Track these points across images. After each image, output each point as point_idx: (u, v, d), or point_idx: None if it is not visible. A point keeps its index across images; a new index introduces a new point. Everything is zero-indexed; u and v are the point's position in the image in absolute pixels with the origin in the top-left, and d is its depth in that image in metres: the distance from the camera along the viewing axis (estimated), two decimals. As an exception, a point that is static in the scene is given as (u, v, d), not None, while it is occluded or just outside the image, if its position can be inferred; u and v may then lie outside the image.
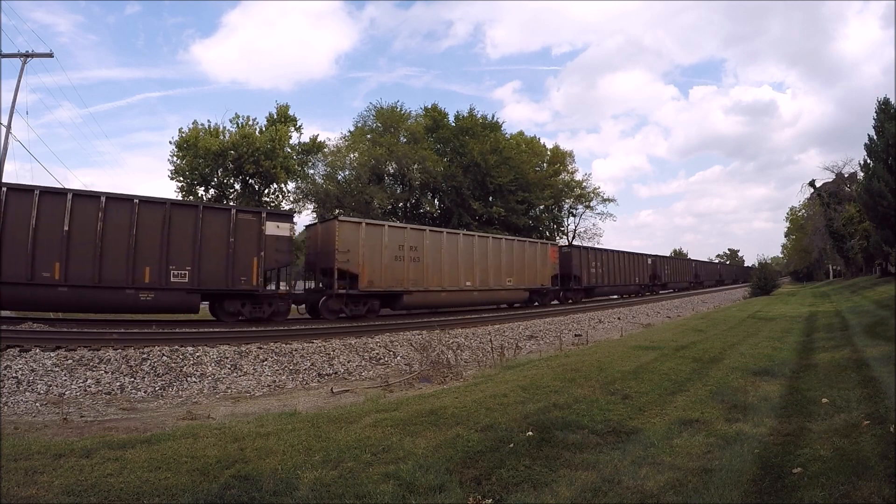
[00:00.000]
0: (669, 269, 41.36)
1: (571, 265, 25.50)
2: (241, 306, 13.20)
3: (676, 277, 43.02)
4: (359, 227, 15.47)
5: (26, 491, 2.96)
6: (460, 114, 37.89)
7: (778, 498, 2.85)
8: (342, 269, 14.83)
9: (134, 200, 11.67)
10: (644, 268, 34.90)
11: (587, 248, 29.13)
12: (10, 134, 19.19)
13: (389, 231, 16.41)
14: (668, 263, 41.13)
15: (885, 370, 5.91)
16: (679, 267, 45.43)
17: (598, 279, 27.94)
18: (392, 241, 16.25)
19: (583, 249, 27.65)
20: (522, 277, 21.84)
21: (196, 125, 28.22)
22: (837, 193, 45.74)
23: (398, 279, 16.28)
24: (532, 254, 22.54)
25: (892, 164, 26.36)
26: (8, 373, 7.30)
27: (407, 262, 16.57)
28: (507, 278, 20.93)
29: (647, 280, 35.09)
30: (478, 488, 3.06)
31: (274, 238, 13.51)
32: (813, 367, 6.90)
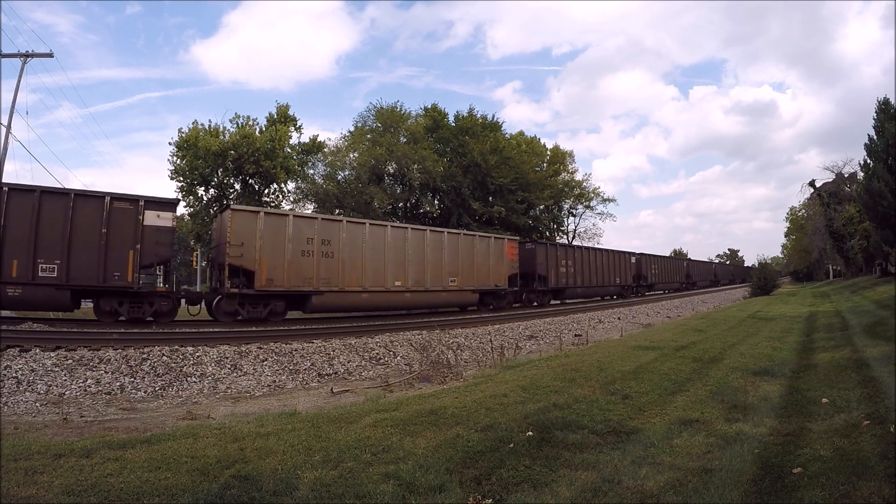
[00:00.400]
0: (657, 268, 37.95)
1: (535, 263, 22.78)
2: (119, 305, 11.79)
3: (665, 277, 39.74)
4: (256, 217, 13.42)
5: (26, 491, 2.96)
6: (460, 114, 37.96)
7: (778, 498, 2.85)
8: (235, 266, 12.97)
9: (3, 188, 10.80)
10: (626, 267, 32.29)
11: (556, 244, 26.66)
12: (11, 134, 19.20)
13: (294, 222, 14.22)
14: (655, 262, 37.88)
15: (885, 370, 5.91)
16: (668, 266, 41.67)
17: (570, 279, 25.34)
18: (298, 234, 14.07)
19: (549, 246, 25.18)
20: (470, 277, 19.11)
21: (196, 125, 28.26)
22: (837, 193, 45.75)
23: (305, 277, 14.11)
24: (483, 250, 19.93)
25: (892, 164, 26.37)
26: (8, 373, 7.30)
27: (316, 258, 14.35)
28: (449, 278, 18.22)
29: (629, 280, 32.52)
30: (478, 488, 3.06)
31: (153, 229, 12.01)
32: (813, 367, 6.90)
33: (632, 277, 32.97)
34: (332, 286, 14.74)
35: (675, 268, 43.71)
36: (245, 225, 13.19)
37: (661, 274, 38.74)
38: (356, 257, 15.43)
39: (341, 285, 14.96)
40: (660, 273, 38.53)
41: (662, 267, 39.55)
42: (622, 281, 31.48)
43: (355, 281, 15.36)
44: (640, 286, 34.64)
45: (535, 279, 23.01)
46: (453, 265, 18.49)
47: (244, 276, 13.23)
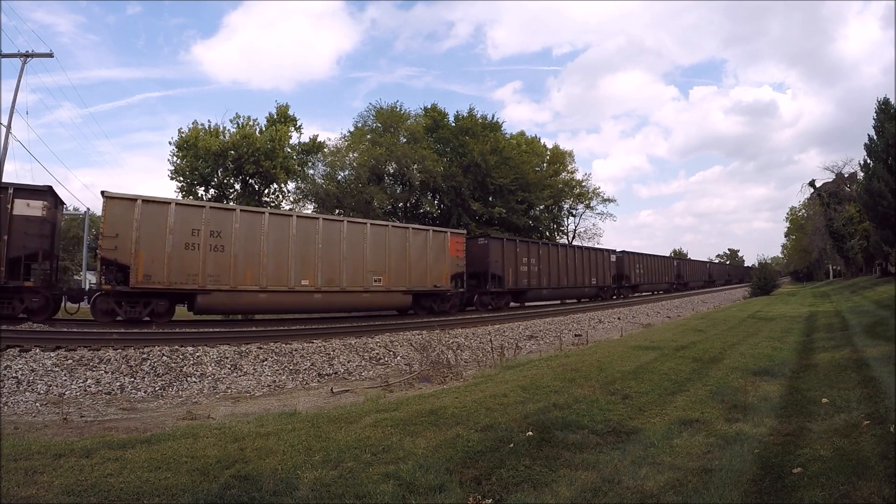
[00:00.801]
0: (642, 267, 34.73)
1: (488, 261, 19.98)
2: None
3: (652, 277, 36.32)
4: (133, 206, 11.82)
5: (26, 491, 2.96)
6: (460, 114, 37.93)
7: (778, 498, 2.85)
8: (108, 259, 11.56)
9: None
10: (605, 266, 29.41)
11: (514, 239, 22.94)
12: (11, 134, 19.19)
13: (178, 210, 12.41)
14: (640, 261, 34.61)
15: (885, 370, 5.91)
16: (656, 265, 37.89)
17: (533, 279, 22.48)
18: (181, 224, 12.34)
19: (507, 242, 21.69)
20: (401, 276, 16.47)
21: (196, 125, 28.27)
22: (837, 193, 45.76)
23: (189, 273, 12.36)
24: (419, 245, 17.18)
25: (892, 164, 26.37)
26: (8, 373, 7.30)
27: (203, 252, 12.53)
28: (373, 277, 15.69)
29: (608, 281, 29.65)
30: (478, 488, 3.06)
31: (23, 219, 11.11)
32: (813, 367, 6.90)
33: (612, 277, 30.27)
34: (223, 284, 12.84)
35: (663, 267, 40.15)
36: (121, 214, 11.71)
37: (647, 274, 35.61)
38: (253, 252, 13.37)
39: (233, 283, 12.97)
40: (646, 273, 35.46)
41: (649, 266, 36.27)
42: (600, 281, 28.63)
43: (251, 279, 13.30)
44: (623, 287, 31.83)
45: (489, 279, 20.12)
46: (379, 262, 15.94)
47: (119, 272, 11.80)
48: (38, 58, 20.43)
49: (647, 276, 35.16)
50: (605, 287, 29.45)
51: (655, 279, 36.87)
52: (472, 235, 23.16)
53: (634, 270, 33.18)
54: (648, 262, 36.14)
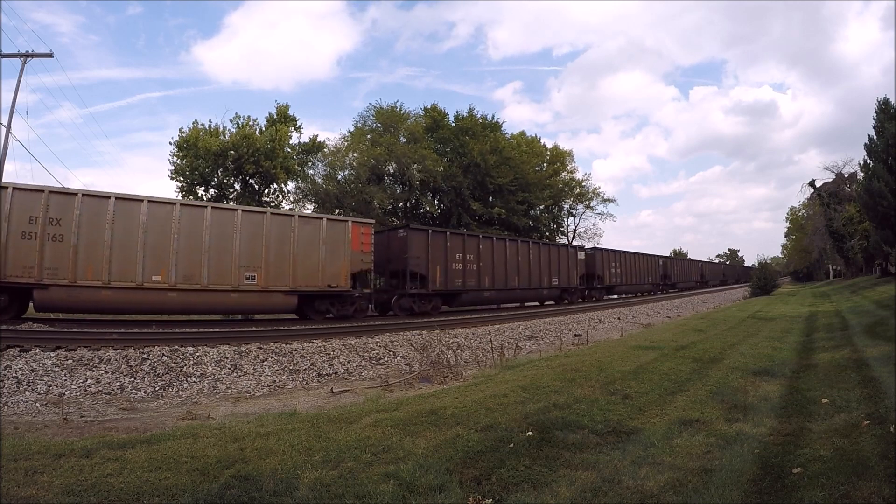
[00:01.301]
0: (620, 266, 30.94)
1: (407, 258, 17.01)
2: None
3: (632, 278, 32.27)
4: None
5: (26, 491, 2.96)
6: (460, 114, 37.95)
7: (778, 498, 2.85)
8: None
9: None
10: (571, 265, 25.96)
11: (444, 231, 19.57)
12: (11, 134, 19.18)
13: (17, 196, 11.15)
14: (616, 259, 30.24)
15: (885, 370, 5.91)
16: (636, 264, 33.69)
17: (470, 279, 19.24)
18: (20, 211, 11.09)
19: (434, 234, 18.47)
20: (282, 273, 13.93)
21: (196, 125, 28.27)
22: (837, 193, 45.76)
23: (26, 266, 11.10)
24: (309, 236, 14.50)
25: (892, 164, 26.38)
26: (8, 373, 7.30)
27: (40, 241, 11.19)
28: (245, 274, 13.38)
29: (575, 281, 26.19)
30: (478, 488, 3.06)
31: None
32: (813, 367, 6.90)
33: (580, 277, 26.69)
34: (60, 279, 11.38)
35: (646, 266, 35.71)
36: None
37: (626, 274, 31.62)
38: (96, 241, 11.79)
39: (72, 278, 11.48)
40: (624, 272, 31.42)
41: (628, 265, 32.16)
42: (563, 282, 25.01)
43: (92, 273, 11.67)
44: (594, 289, 28.38)
45: (408, 278, 17.05)
46: (253, 256, 13.55)
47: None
48: (38, 58, 20.45)
49: (625, 277, 31.35)
50: (570, 288, 25.88)
51: (636, 279, 33.06)
52: (392, 226, 20.53)
53: (610, 270, 29.32)
54: (627, 260, 32.32)
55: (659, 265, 38.53)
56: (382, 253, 17.34)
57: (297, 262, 14.29)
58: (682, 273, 44.49)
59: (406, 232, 17.82)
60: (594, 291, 28.69)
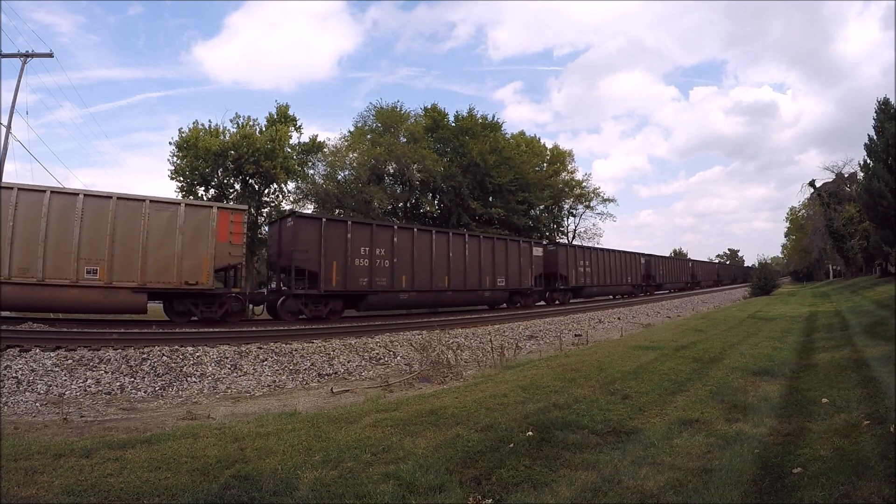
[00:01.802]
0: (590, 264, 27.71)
1: (293, 252, 14.37)
2: None
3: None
4: None
5: (26, 491, 2.96)
6: (460, 114, 37.98)
7: (778, 498, 2.85)
8: None
9: None
10: (523, 262, 22.15)
11: (345, 220, 16.78)
12: (11, 134, 19.18)
13: None
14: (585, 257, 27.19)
15: (885, 370, 5.91)
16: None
17: (376, 278, 15.97)
18: None
19: (329, 223, 15.44)
20: (129, 267, 11.88)
21: (196, 125, 28.27)
22: (837, 193, 45.77)
23: None
24: (164, 224, 12.32)
25: (892, 164, 26.38)
26: (8, 373, 7.30)
27: None
28: (87, 267, 11.55)
29: (528, 282, 22.57)
30: (478, 488, 3.06)
31: None
32: (813, 367, 6.90)
33: (534, 278, 22.82)
34: None
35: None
36: None
37: (598, 273, 28.49)
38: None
39: None
40: (596, 272, 28.27)
41: (601, 264, 29.25)
42: (512, 282, 21.36)
43: None
44: (556, 290, 24.81)
45: (294, 276, 14.39)
46: (96, 247, 11.65)
47: None
48: (38, 58, 20.45)
49: (597, 277, 29.30)
50: (522, 290, 22.30)
51: (611, 280, 31.26)
52: (283, 215, 18.19)
53: (576, 269, 26.54)
54: (600, 257, 30.61)
55: (640, 264, 34.95)
56: (274, 246, 15.66)
57: (148, 255, 12.16)
58: (670, 273, 40.49)
59: (293, 221, 15.05)
60: (556, 294, 24.95)
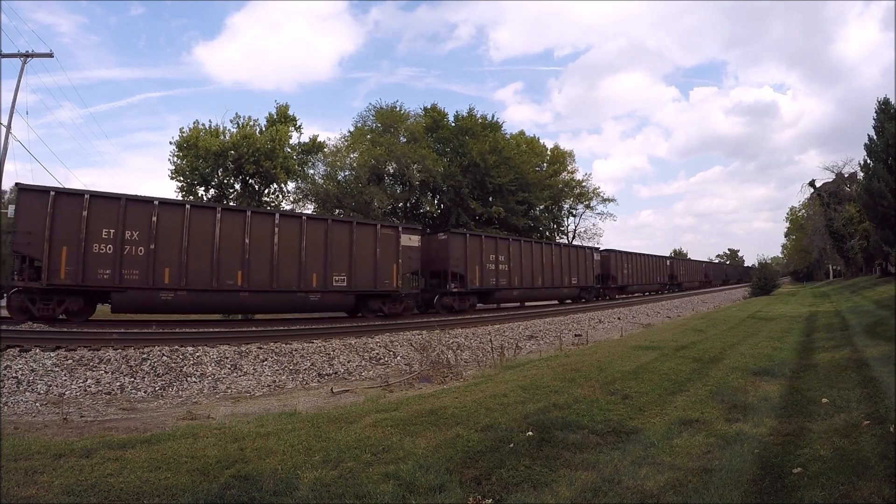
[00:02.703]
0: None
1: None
2: None
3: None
4: None
5: (26, 491, 2.96)
6: (460, 114, 37.95)
7: (778, 498, 2.85)
8: None
9: None
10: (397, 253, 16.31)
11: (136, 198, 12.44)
12: (11, 134, 19.17)
13: None
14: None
15: (885, 370, 5.91)
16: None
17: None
18: None
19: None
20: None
21: (196, 125, 28.26)
22: (837, 193, 45.76)
23: None
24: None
25: (892, 164, 26.37)
26: (8, 373, 7.30)
27: None
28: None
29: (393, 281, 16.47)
30: (478, 488, 3.06)
31: None
32: (813, 367, 6.90)
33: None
34: None
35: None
36: None
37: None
38: None
39: None
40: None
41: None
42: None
43: None
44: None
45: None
46: None
47: None
48: (38, 58, 20.44)
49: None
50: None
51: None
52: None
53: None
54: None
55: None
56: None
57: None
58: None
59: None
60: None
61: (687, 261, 50.20)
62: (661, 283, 37.61)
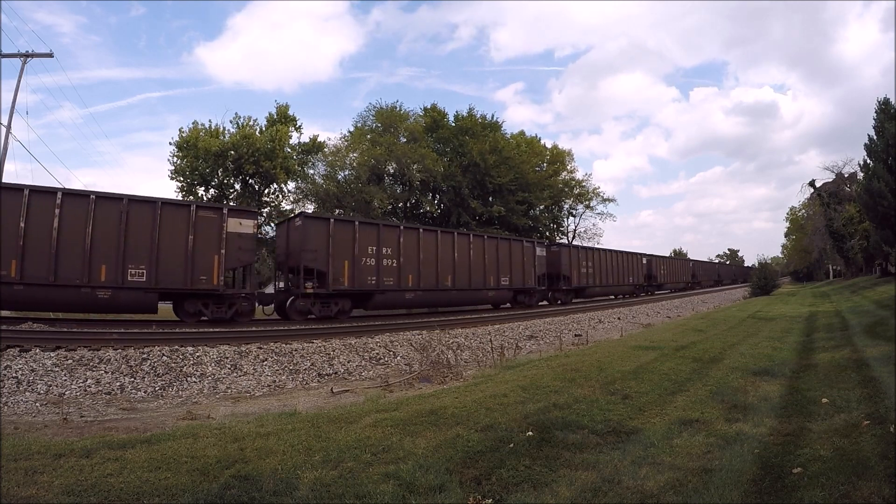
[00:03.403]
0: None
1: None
2: None
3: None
4: None
5: (26, 491, 2.96)
6: (460, 114, 37.98)
7: (778, 498, 2.85)
8: None
9: None
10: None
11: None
12: (11, 134, 19.17)
13: None
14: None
15: (885, 370, 5.91)
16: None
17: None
18: None
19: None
20: None
21: (196, 125, 28.28)
22: (837, 193, 45.76)
23: None
24: None
25: (892, 164, 26.38)
26: (8, 373, 7.30)
27: None
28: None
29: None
30: (478, 488, 3.06)
31: None
32: (813, 367, 6.90)
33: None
34: None
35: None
36: None
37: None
38: None
39: None
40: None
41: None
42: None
43: None
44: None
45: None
46: None
47: None
48: (39, 58, 20.45)
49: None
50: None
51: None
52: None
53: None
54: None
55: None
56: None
57: None
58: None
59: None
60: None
61: (669, 259, 44.84)
62: (635, 284, 33.21)
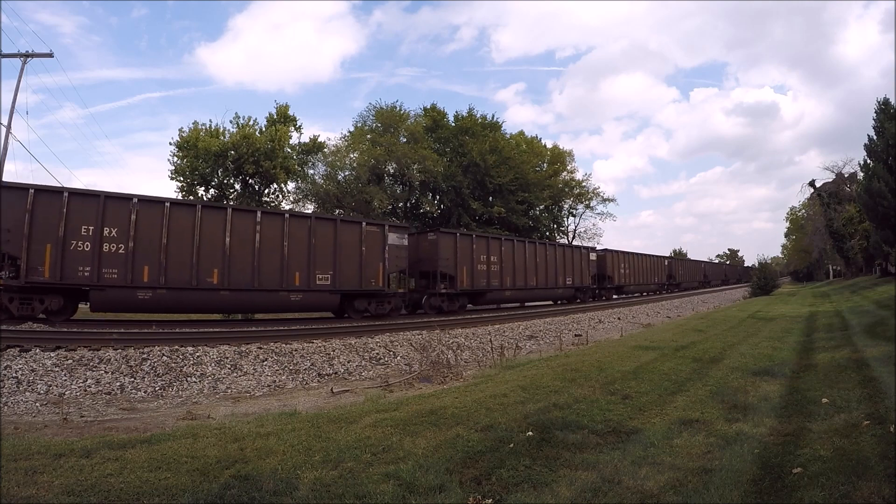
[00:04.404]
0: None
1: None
2: None
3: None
4: None
5: (26, 491, 2.96)
6: (460, 114, 37.94)
7: (778, 498, 2.85)
8: None
9: None
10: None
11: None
12: (11, 134, 19.16)
13: None
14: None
15: (885, 370, 5.91)
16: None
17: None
18: None
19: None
20: None
21: (196, 126, 28.25)
22: (837, 193, 45.75)
23: None
24: None
25: (892, 164, 26.37)
26: (8, 373, 7.30)
27: None
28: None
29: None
30: (478, 488, 3.06)
31: None
32: (813, 367, 6.90)
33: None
34: None
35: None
36: None
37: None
38: None
39: None
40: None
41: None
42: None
43: None
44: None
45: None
46: None
47: None
48: (39, 58, 20.44)
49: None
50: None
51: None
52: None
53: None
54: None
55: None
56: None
57: None
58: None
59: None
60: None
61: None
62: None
